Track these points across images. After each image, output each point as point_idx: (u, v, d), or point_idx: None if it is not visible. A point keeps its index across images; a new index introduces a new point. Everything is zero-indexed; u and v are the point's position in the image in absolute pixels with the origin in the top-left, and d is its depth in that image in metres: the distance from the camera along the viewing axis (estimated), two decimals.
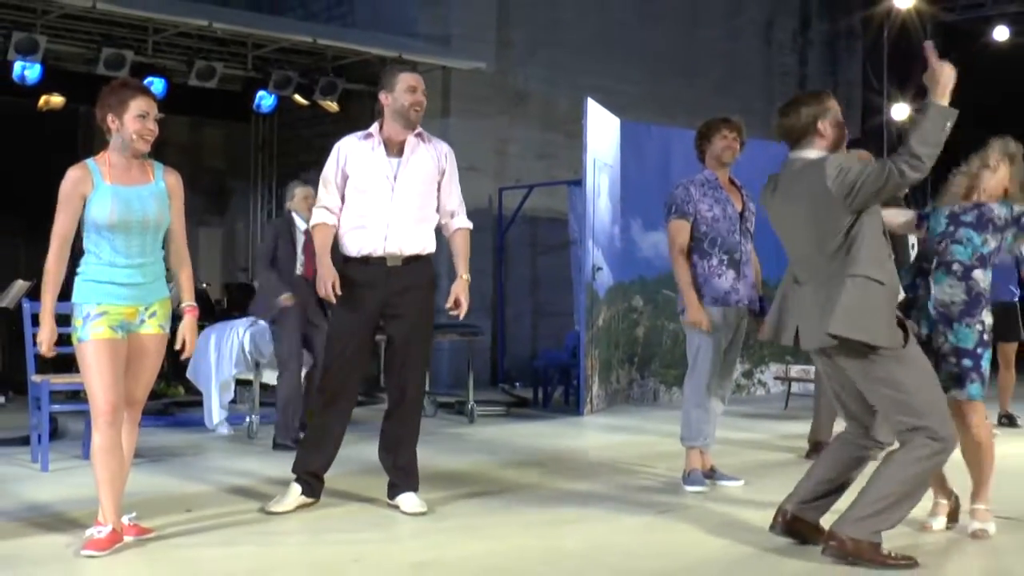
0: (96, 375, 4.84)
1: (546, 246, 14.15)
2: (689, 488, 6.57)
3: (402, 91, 5.95)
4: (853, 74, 17.96)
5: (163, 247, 5.13)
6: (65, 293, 4.99)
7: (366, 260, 5.76)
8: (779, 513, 5.07)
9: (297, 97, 12.99)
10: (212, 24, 11.77)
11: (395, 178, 5.82)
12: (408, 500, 5.72)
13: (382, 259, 5.76)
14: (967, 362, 5.18)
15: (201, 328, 10.54)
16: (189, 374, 9.68)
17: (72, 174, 4.99)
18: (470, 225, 6.19)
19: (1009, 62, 15.91)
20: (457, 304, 5.95)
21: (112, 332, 4.88)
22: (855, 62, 18.11)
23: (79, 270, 5.02)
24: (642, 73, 15.21)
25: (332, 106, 13.10)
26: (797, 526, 5.05)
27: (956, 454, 5.35)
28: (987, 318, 5.27)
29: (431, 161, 5.99)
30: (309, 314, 8.35)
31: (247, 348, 8.97)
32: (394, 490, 5.79)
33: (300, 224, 8.43)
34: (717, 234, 6.76)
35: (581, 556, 5.00)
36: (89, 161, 5.07)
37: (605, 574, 4.67)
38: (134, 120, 4.96)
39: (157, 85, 12.26)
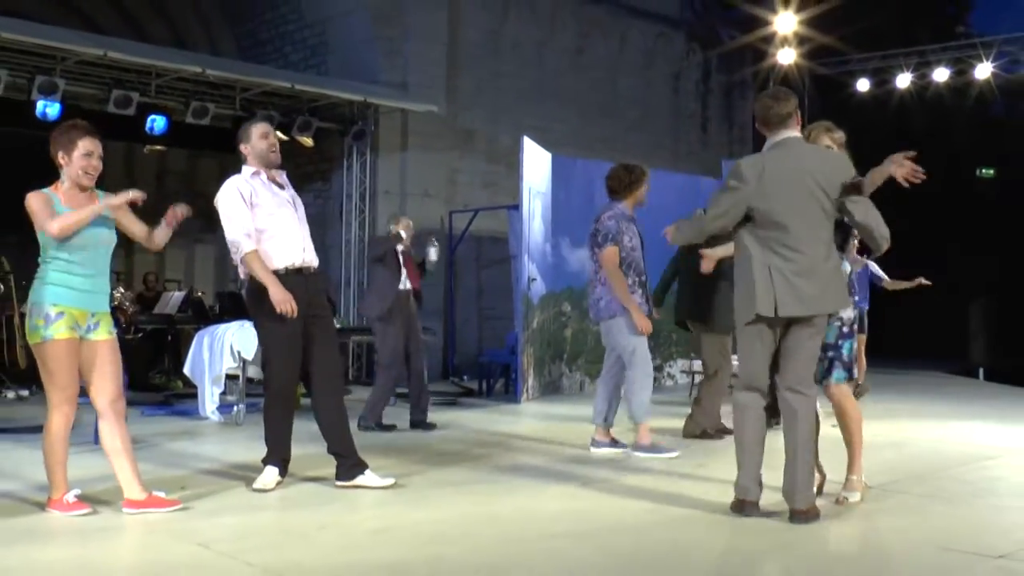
0: (65, 370, 4.86)
1: (489, 261, 14.19)
2: (659, 455, 6.79)
3: (257, 139, 5.78)
4: (746, 117, 18.15)
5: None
6: None
7: (291, 271, 5.62)
8: (743, 503, 4.99)
9: (278, 133, 12.88)
10: (206, 71, 11.73)
11: (293, 203, 5.80)
12: (373, 476, 5.68)
13: (301, 269, 5.67)
14: (831, 353, 5.23)
15: (196, 330, 10.53)
16: (186, 370, 9.62)
17: (39, 195, 5.00)
18: None
19: (870, 107, 16.35)
20: None
21: (71, 332, 4.86)
22: (747, 107, 18.31)
23: (38, 276, 4.97)
24: (570, 114, 15.29)
25: (308, 141, 13.05)
26: (753, 508, 5.00)
27: (833, 434, 5.47)
28: (847, 314, 5.25)
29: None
30: (409, 322, 8.44)
31: (235, 347, 8.92)
32: (356, 470, 5.68)
33: (400, 247, 8.48)
34: (633, 260, 7.13)
35: (516, 520, 5.01)
36: (46, 190, 5.05)
37: (536, 534, 4.69)
38: (81, 158, 4.96)
39: (159, 122, 12.19)
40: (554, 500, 5.53)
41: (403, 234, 8.53)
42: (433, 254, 8.88)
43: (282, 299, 5.43)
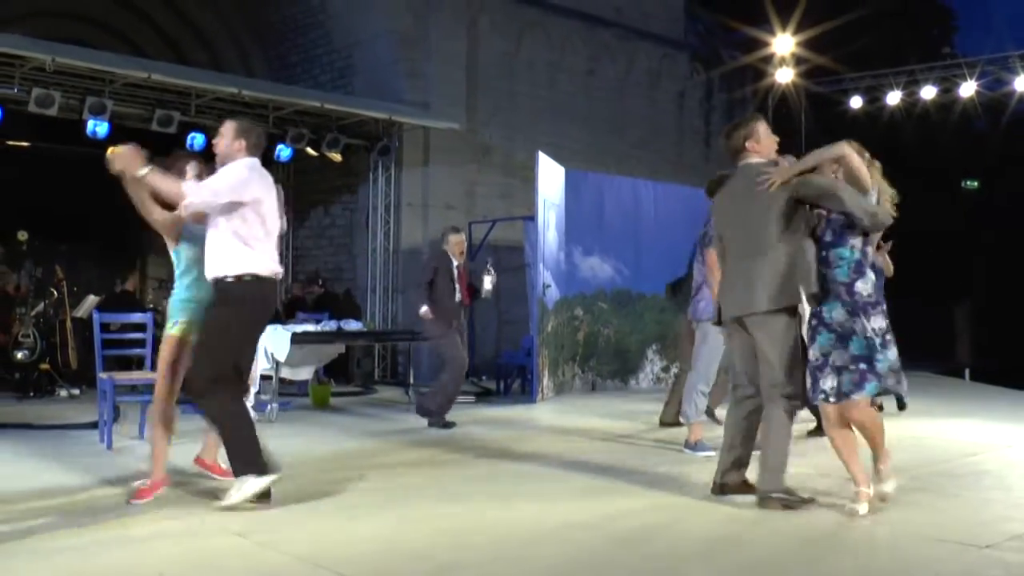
0: None
1: (507, 268, 14.18)
2: (700, 454, 6.61)
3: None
4: None
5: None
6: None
7: (274, 279, 5.18)
8: (713, 483, 5.25)
9: (308, 149, 12.96)
10: (241, 91, 11.77)
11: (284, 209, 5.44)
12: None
13: (275, 277, 5.20)
14: (861, 365, 4.84)
15: None
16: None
17: None
18: None
19: (862, 123, 16.33)
20: None
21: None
22: None
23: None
24: (582, 132, 15.30)
25: (336, 157, 13.08)
26: (727, 489, 5.19)
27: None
28: (875, 324, 4.83)
29: None
30: (460, 329, 8.62)
31: (269, 350, 8.95)
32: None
33: (454, 261, 8.54)
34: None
35: (534, 514, 5.03)
36: None
37: (552, 527, 4.71)
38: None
39: (198, 139, 12.23)
40: (572, 489, 5.53)
41: (450, 254, 8.59)
42: (488, 283, 8.93)
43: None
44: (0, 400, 10.13)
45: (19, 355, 10.90)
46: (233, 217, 5.02)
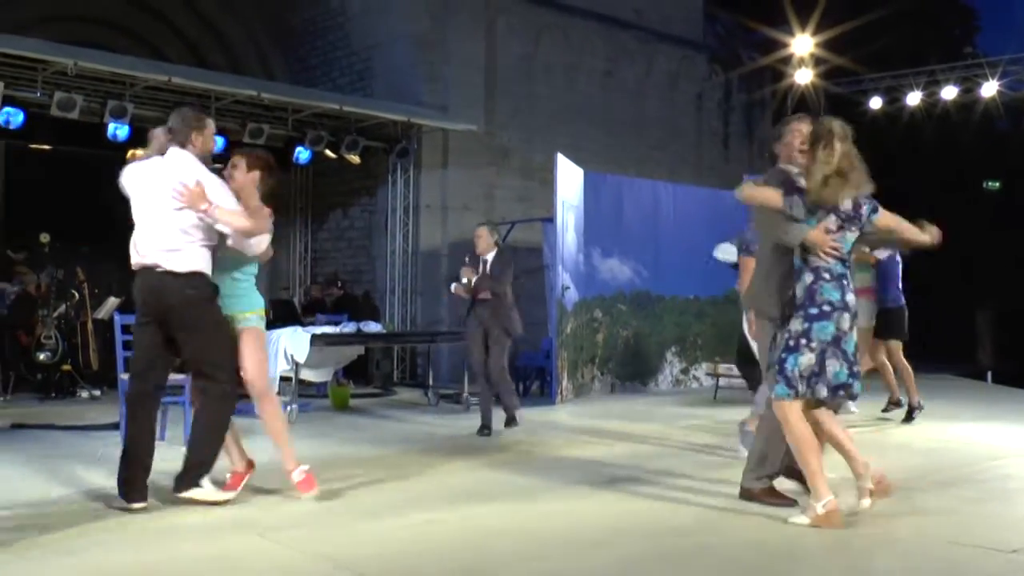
0: None
1: (525, 270, 14.14)
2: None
3: (209, 136, 5.27)
4: (765, 134, 18.05)
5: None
6: None
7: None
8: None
9: (327, 152, 12.99)
10: (261, 94, 11.81)
11: None
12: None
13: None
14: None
15: None
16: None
17: None
18: None
19: (882, 124, 16.26)
20: None
21: None
22: (766, 124, 18.23)
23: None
24: (600, 133, 15.27)
25: (355, 159, 13.11)
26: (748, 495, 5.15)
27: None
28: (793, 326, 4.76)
29: None
30: (487, 326, 8.39)
31: (288, 351, 8.98)
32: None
33: (487, 259, 8.43)
34: None
35: (560, 515, 5.02)
36: None
37: (580, 527, 4.71)
38: None
39: (218, 142, 12.27)
40: (596, 496, 5.51)
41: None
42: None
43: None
44: (23, 401, 10.21)
45: (41, 356, 10.98)
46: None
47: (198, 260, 5.04)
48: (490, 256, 8.40)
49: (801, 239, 4.71)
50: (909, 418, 8.78)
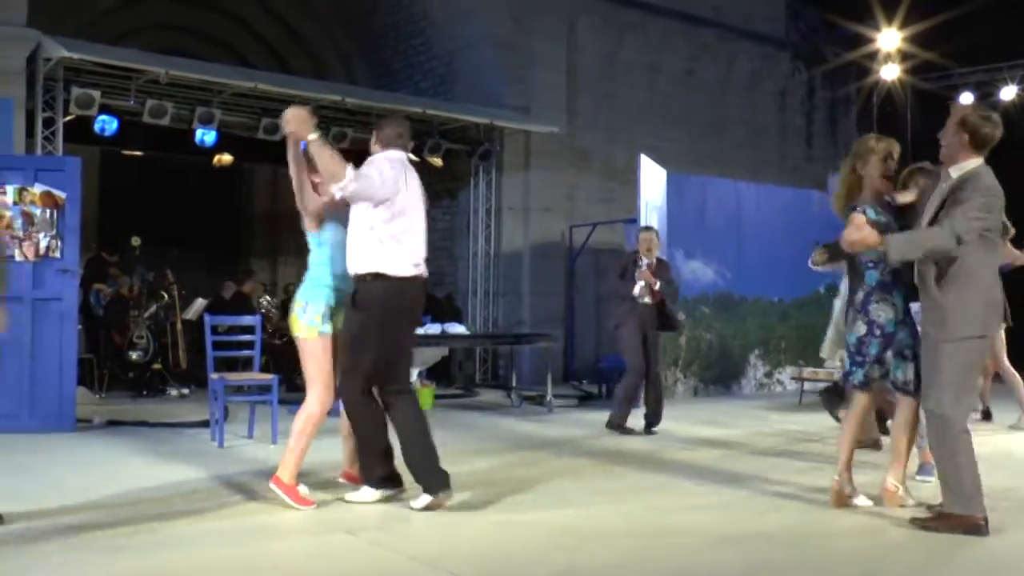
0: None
1: (606, 271, 14.13)
2: (920, 479, 5.83)
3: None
4: (849, 133, 17.70)
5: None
6: None
7: (409, 279, 5.00)
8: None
9: (410, 155, 13.08)
10: (345, 99, 11.95)
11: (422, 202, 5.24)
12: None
13: (409, 276, 5.01)
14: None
15: None
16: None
17: None
18: None
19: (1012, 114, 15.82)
20: None
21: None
22: (851, 122, 17.90)
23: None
24: (681, 133, 15.15)
25: (437, 162, 13.20)
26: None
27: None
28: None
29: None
30: (647, 328, 8.43)
31: None
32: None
33: (643, 262, 8.51)
34: None
35: (648, 520, 4.98)
36: None
37: (669, 527, 4.67)
38: None
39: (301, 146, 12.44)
40: (681, 500, 5.46)
41: (639, 251, 8.55)
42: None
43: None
44: (116, 398, 10.49)
45: (134, 356, 11.29)
46: (375, 211, 4.94)
47: None
48: (648, 261, 8.49)
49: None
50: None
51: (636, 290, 8.39)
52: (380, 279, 4.90)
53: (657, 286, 8.40)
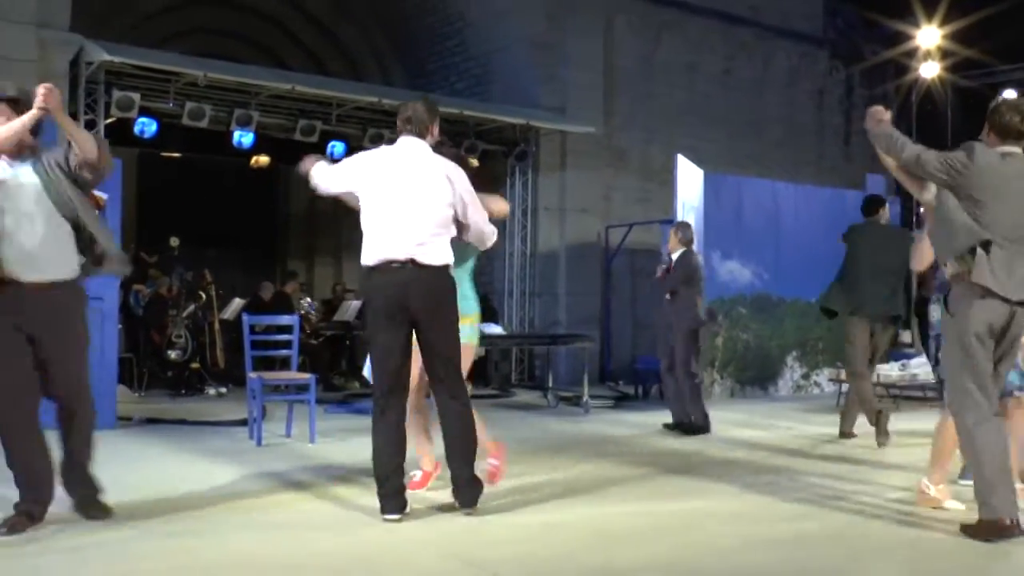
0: None
1: (643, 272, 14.09)
2: (963, 483, 5.46)
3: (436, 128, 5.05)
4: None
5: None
6: None
7: (381, 267, 4.79)
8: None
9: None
10: (381, 100, 11.99)
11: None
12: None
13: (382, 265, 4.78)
14: None
15: None
16: (365, 372, 9.82)
17: None
18: None
19: None
20: None
21: None
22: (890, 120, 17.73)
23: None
24: (718, 133, 15.09)
25: (474, 162, 13.17)
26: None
27: None
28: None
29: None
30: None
31: None
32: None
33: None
34: None
35: (685, 520, 4.96)
36: None
37: (708, 530, 4.65)
38: None
39: (338, 147, 12.52)
40: (723, 502, 5.43)
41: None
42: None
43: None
44: (154, 397, 10.61)
45: (172, 355, 11.42)
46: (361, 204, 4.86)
47: (447, 253, 4.84)
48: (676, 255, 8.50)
49: None
50: None
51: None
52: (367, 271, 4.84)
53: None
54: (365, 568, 4.01)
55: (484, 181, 14.90)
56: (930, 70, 15.82)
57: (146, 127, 11.11)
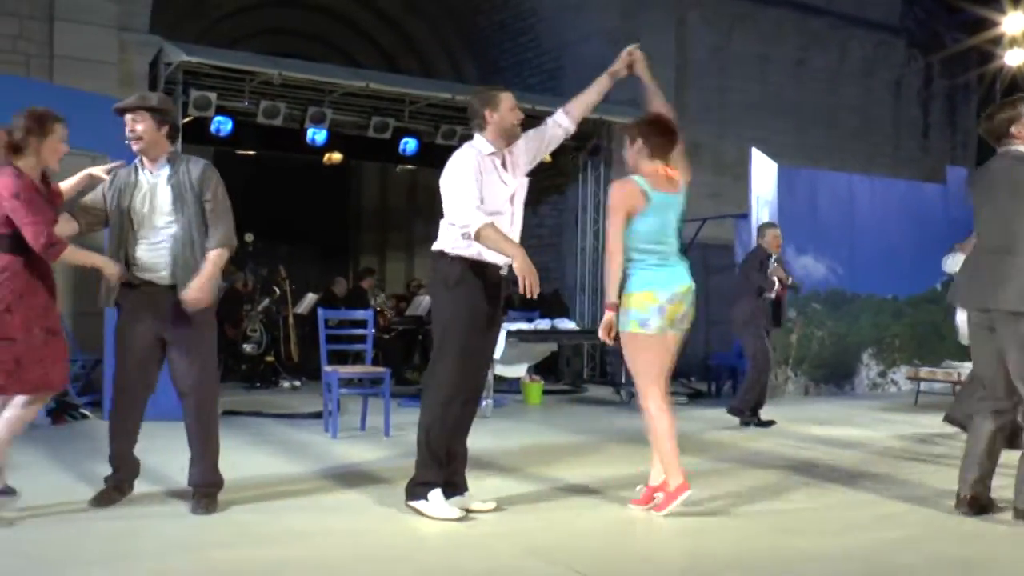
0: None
1: (715, 268, 13.97)
2: None
3: (507, 110, 4.97)
4: (969, 122, 17.17)
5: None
6: None
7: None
8: (958, 496, 4.87)
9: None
10: (454, 96, 12.04)
11: (512, 200, 5.06)
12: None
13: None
14: None
15: None
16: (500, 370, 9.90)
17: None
18: None
19: None
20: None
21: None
22: (971, 111, 17.33)
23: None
24: (791, 125, 14.91)
25: (546, 158, 13.16)
26: (977, 503, 4.82)
27: None
28: None
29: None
30: (768, 324, 8.86)
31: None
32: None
33: (773, 258, 8.80)
34: None
35: (760, 518, 4.92)
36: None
37: (780, 527, 4.63)
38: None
39: (411, 144, 12.62)
40: (798, 502, 5.39)
41: (767, 247, 8.82)
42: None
43: (526, 269, 4.54)
44: (230, 389, 10.81)
45: (247, 348, 11.65)
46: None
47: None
48: (777, 256, 8.87)
49: None
50: None
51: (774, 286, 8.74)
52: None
53: (789, 282, 8.87)
54: (443, 564, 4.04)
55: (555, 176, 15.00)
56: (1016, 58, 15.36)
57: (222, 126, 11.32)
